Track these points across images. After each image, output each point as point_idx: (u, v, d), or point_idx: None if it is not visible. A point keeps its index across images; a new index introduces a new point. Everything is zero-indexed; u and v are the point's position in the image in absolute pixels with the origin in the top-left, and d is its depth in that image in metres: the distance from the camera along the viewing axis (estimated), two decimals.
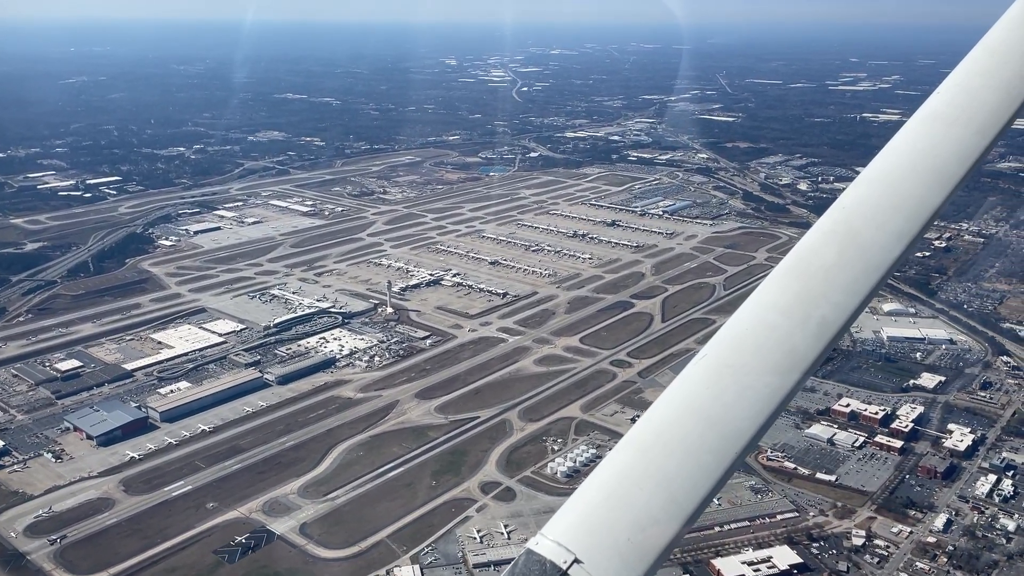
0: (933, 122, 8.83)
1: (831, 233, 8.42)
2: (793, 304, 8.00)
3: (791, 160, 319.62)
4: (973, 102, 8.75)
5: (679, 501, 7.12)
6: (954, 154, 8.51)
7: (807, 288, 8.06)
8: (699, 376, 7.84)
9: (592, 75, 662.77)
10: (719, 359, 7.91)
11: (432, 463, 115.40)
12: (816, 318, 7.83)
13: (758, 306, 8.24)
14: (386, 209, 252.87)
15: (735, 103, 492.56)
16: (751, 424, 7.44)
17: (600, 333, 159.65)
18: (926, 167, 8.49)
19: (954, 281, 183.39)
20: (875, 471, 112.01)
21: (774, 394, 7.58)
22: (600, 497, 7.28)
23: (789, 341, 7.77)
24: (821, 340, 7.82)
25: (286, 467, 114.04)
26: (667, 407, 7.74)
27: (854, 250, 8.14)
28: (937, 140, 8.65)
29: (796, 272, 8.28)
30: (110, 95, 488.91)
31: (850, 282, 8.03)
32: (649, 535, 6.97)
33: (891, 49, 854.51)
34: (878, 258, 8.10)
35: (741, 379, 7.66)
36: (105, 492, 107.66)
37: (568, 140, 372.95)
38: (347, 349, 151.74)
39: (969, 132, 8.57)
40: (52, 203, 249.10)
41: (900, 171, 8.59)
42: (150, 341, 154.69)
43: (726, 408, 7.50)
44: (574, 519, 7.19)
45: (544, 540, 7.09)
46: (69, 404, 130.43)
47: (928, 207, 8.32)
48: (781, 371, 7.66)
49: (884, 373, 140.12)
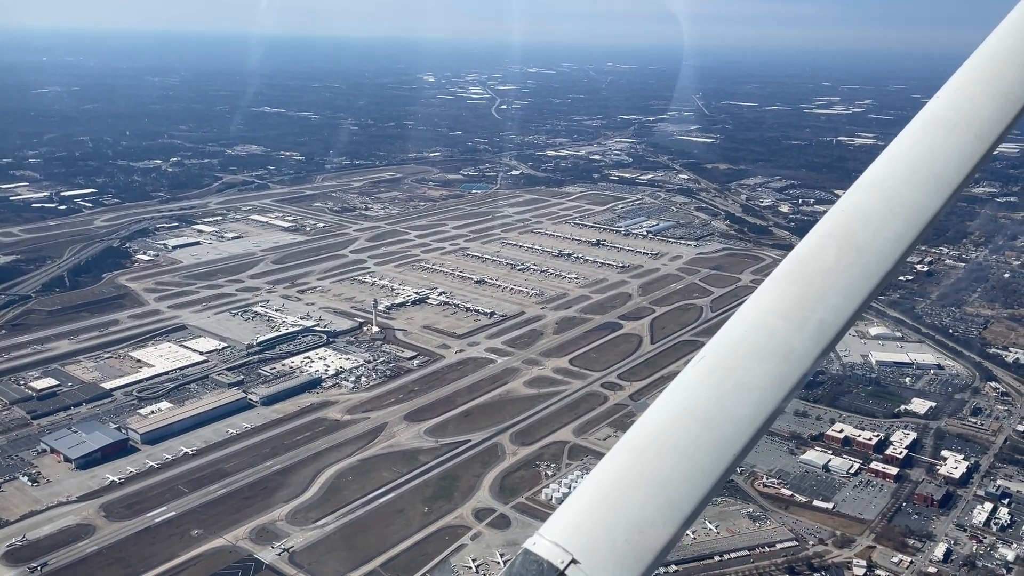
0: (932, 127, 8.80)
1: (829, 237, 8.38)
2: (791, 307, 8.00)
3: (771, 182, 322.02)
4: (972, 107, 8.71)
5: (676, 503, 7.11)
6: (953, 159, 8.49)
7: (805, 291, 8.05)
8: (697, 378, 7.81)
9: (570, 94, 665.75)
10: (717, 361, 7.87)
11: (424, 488, 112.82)
12: (814, 321, 7.83)
13: (756, 309, 8.16)
14: (368, 225, 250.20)
15: (713, 124, 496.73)
16: (749, 426, 7.41)
17: (590, 354, 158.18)
18: (924, 172, 8.47)
19: (938, 305, 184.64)
20: (872, 498, 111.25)
21: (772, 396, 7.55)
22: (598, 498, 7.26)
23: (787, 344, 7.76)
24: (819, 343, 7.78)
25: (273, 492, 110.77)
26: (665, 409, 7.70)
27: (852, 254, 8.14)
28: (936, 145, 8.62)
29: (795, 275, 8.27)
30: (84, 106, 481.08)
31: (848, 286, 7.99)
32: (646, 536, 6.96)
33: (862, 74, 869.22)
34: (876, 262, 8.08)
35: (739, 381, 7.62)
36: (85, 518, 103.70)
37: (549, 159, 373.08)
38: (333, 369, 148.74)
39: (968, 138, 8.55)
40: (25, 215, 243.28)
41: (898, 176, 8.55)
42: (129, 359, 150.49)
43: (724, 410, 7.47)
44: (572, 520, 7.16)
45: (541, 540, 7.02)
46: (45, 425, 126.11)
47: (926, 212, 8.29)
48: (779, 373, 7.63)
49: (875, 398, 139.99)
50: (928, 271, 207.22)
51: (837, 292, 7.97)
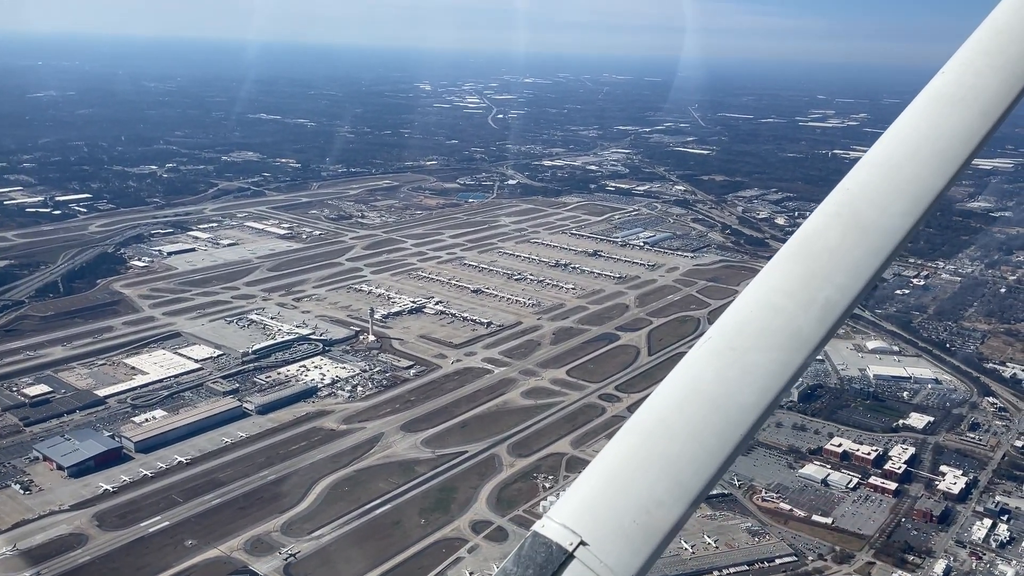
0: (936, 103, 8.64)
1: (835, 215, 8.28)
2: (797, 286, 7.94)
3: (767, 194, 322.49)
4: (977, 82, 8.56)
5: (684, 483, 7.10)
6: (958, 135, 8.36)
7: (811, 270, 7.98)
8: (703, 359, 7.74)
9: (566, 104, 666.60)
10: (723, 341, 7.79)
11: (420, 500, 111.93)
12: (820, 300, 7.79)
13: (762, 288, 8.09)
14: (364, 234, 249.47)
15: (709, 136, 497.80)
16: (755, 406, 7.38)
17: (587, 366, 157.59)
18: (929, 149, 8.36)
19: (935, 320, 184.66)
20: (871, 513, 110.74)
21: (778, 376, 7.52)
22: (605, 480, 7.27)
23: (793, 323, 7.71)
24: (825, 322, 7.74)
25: (268, 503, 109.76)
26: (671, 390, 7.65)
27: (858, 232, 8.06)
28: (941, 121, 8.49)
29: (800, 254, 8.18)
30: (79, 111, 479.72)
31: (854, 264, 7.93)
32: (655, 517, 6.97)
33: (856, 88, 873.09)
34: (882, 240, 8.01)
35: (745, 361, 7.59)
36: (77, 527, 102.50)
37: (546, 168, 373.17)
38: (328, 378, 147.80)
39: (973, 113, 8.41)
40: (19, 219, 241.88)
41: (903, 153, 8.44)
42: (123, 366, 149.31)
43: (730, 390, 7.44)
44: (580, 502, 7.18)
45: (550, 523, 7.03)
46: (38, 432, 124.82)
47: (932, 189, 8.19)
48: (785, 353, 7.61)
49: (873, 412, 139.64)
50: (924, 285, 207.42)
51: (843, 271, 7.91)
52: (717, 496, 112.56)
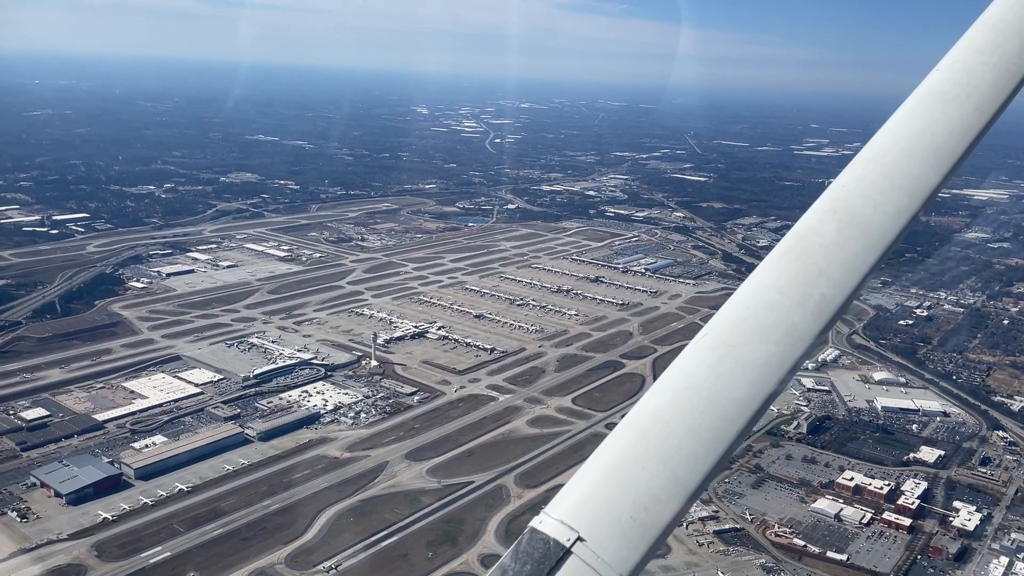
0: (931, 100, 8.71)
1: (830, 212, 8.30)
2: (792, 283, 7.95)
3: (766, 222, 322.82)
4: (971, 79, 8.63)
5: (681, 479, 7.10)
6: (952, 132, 8.42)
7: (806, 267, 8.00)
8: (699, 355, 7.77)
9: (563, 129, 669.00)
10: (719, 338, 7.81)
11: (427, 532, 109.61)
12: (816, 296, 7.82)
13: (758, 285, 8.10)
14: (365, 257, 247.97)
15: (705, 163, 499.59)
16: (751, 402, 7.39)
17: (592, 394, 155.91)
18: (924, 145, 8.39)
19: (939, 351, 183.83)
20: (885, 551, 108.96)
21: (774, 372, 7.52)
22: (603, 476, 7.26)
23: (789, 319, 7.73)
24: (821, 318, 7.76)
25: (272, 533, 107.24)
26: (668, 386, 7.66)
27: (853, 228, 8.08)
28: (935, 118, 8.54)
29: (795, 251, 8.21)
30: (76, 129, 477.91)
31: (849, 260, 7.95)
32: (652, 513, 6.98)
33: (850, 117, 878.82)
34: (877, 236, 8.03)
35: (741, 357, 7.58)
36: (76, 557, 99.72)
37: (545, 193, 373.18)
38: (331, 404, 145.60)
39: (967, 110, 8.48)
40: (16, 239, 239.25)
41: (898, 149, 8.47)
42: (122, 390, 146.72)
43: (726, 386, 7.44)
44: (577, 498, 7.15)
45: (547, 519, 7.04)
46: (36, 457, 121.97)
47: (927, 185, 8.23)
48: (781, 349, 7.61)
49: (882, 445, 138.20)
50: (928, 316, 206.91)
51: (838, 267, 7.92)
52: (729, 531, 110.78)
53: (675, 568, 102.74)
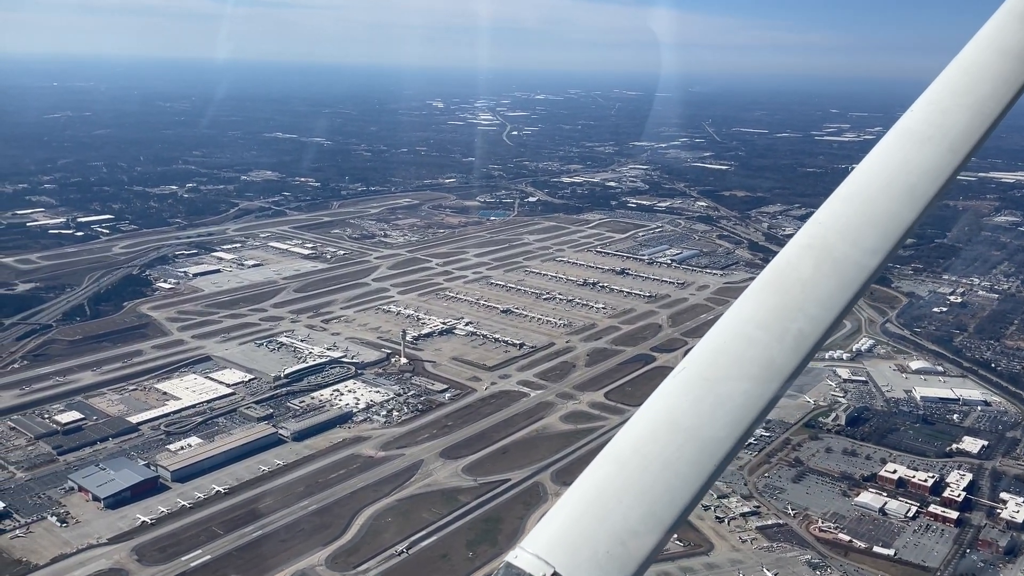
0: (906, 140, 8.82)
1: (807, 248, 8.41)
2: (770, 318, 8.01)
3: (790, 210, 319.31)
4: (946, 120, 8.77)
5: (658, 513, 7.10)
6: (927, 172, 8.53)
7: (784, 302, 8.07)
8: (678, 389, 7.82)
9: (580, 120, 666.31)
10: (697, 372, 7.84)
11: (466, 531, 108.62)
12: (793, 331, 7.87)
13: (736, 319, 8.14)
14: (389, 253, 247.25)
15: (725, 151, 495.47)
16: (729, 436, 7.41)
17: (625, 388, 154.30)
18: (899, 184, 8.50)
19: (976, 338, 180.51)
20: (933, 544, 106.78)
21: (752, 406, 7.54)
22: (579, 510, 7.26)
23: (767, 354, 7.77)
24: (798, 353, 7.80)
25: (310, 534, 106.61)
26: (646, 420, 7.71)
27: (829, 264, 8.18)
28: (910, 157, 8.66)
29: (773, 286, 8.28)
30: (96, 131, 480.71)
31: (826, 296, 8.02)
32: (629, 547, 6.97)
33: (869, 101, 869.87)
34: (853, 273, 8.12)
35: (719, 391, 7.63)
36: (117, 562, 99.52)
37: (565, 185, 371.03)
38: (363, 402, 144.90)
39: (941, 150, 8.61)
40: (43, 242, 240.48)
41: (874, 188, 8.58)
42: (154, 391, 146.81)
43: (704, 420, 7.47)
44: (553, 532, 7.14)
45: (523, 553, 7.00)
46: (72, 461, 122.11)
47: (902, 224, 8.31)
48: (759, 383, 7.65)
49: (924, 436, 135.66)
50: (962, 302, 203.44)
51: (815, 302, 7.96)
52: (772, 526, 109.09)
53: (719, 566, 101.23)
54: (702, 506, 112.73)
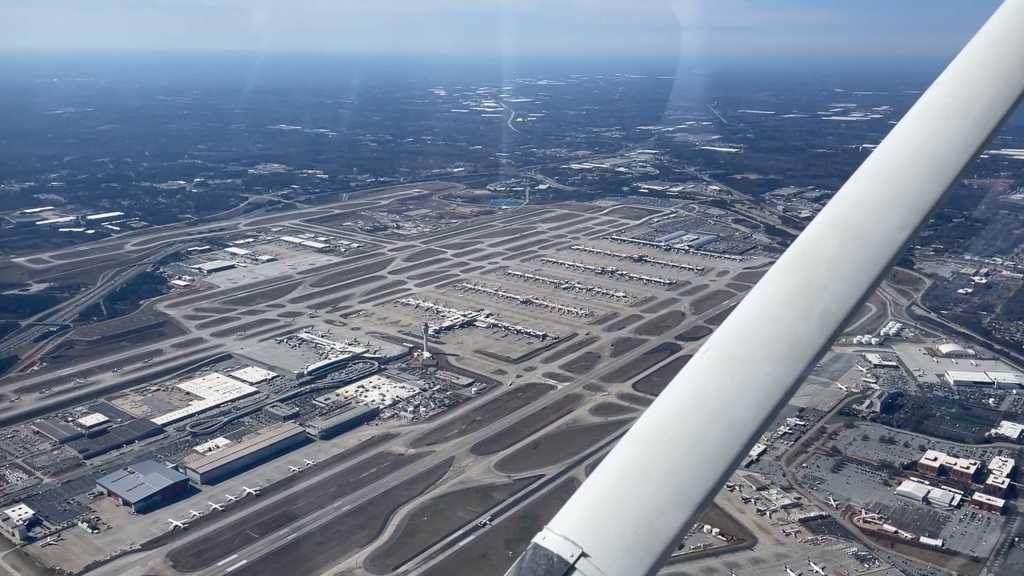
0: (932, 113, 8.63)
1: (832, 225, 8.27)
2: (796, 296, 7.91)
3: (805, 192, 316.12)
4: (972, 93, 8.59)
5: (685, 493, 7.08)
6: (953, 145, 8.37)
7: (809, 280, 7.97)
8: (703, 369, 7.72)
9: (584, 105, 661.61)
10: (723, 351, 7.75)
11: (503, 529, 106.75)
12: (819, 309, 7.77)
13: (761, 298, 8.01)
14: (402, 245, 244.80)
15: (733, 134, 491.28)
16: (756, 415, 7.37)
17: (652, 379, 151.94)
18: (925, 158, 8.35)
19: (1005, 320, 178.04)
20: (981, 534, 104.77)
21: (778, 385, 7.50)
22: (606, 491, 7.21)
23: (793, 332, 7.69)
24: (824, 331, 7.71)
25: (346, 536, 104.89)
26: (672, 400, 7.60)
27: (855, 242, 8.06)
28: (936, 131, 8.49)
29: (799, 264, 8.17)
30: (100, 126, 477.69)
31: (852, 273, 7.92)
32: (656, 527, 6.94)
33: (874, 80, 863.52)
34: (879, 249, 8.00)
35: (745, 371, 7.56)
36: (152, 568, 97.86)
37: (575, 172, 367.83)
38: (389, 398, 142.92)
39: (968, 123, 8.45)
40: (53, 240, 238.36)
41: (899, 163, 8.42)
42: (177, 391, 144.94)
43: (731, 400, 7.43)
44: (580, 513, 7.10)
45: (551, 534, 6.97)
46: (99, 464, 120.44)
47: (928, 199, 8.18)
48: (785, 362, 7.58)
49: (961, 421, 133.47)
50: (987, 283, 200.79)
51: (841, 280, 7.87)
52: (815, 518, 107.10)
53: (765, 560, 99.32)
54: (743, 499, 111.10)
